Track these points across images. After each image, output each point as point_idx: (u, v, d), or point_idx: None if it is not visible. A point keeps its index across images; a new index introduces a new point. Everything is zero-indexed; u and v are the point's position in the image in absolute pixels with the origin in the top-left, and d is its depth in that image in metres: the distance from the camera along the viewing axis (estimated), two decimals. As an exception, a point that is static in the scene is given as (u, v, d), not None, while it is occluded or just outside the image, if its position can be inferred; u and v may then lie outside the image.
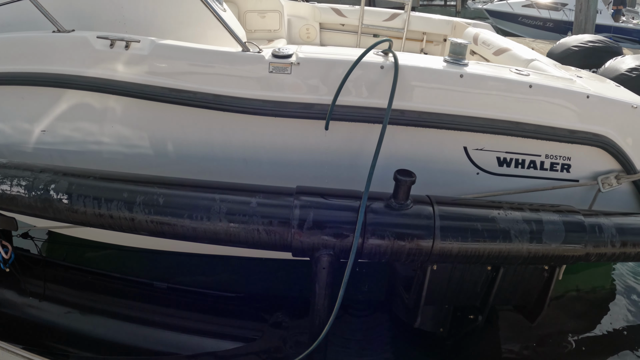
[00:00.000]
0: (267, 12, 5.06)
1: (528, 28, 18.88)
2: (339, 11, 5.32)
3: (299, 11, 5.45)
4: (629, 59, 3.96)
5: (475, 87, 2.81)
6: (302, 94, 2.74)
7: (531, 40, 14.77)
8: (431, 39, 5.33)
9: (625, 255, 2.89)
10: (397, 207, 2.37)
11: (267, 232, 2.32)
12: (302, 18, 5.38)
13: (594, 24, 13.20)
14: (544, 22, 18.72)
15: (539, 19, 18.77)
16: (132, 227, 2.38)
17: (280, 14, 5.09)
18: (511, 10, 19.09)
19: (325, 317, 2.51)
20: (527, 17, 18.83)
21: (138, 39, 2.74)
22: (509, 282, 2.76)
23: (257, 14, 5.01)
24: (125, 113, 2.87)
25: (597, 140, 3.09)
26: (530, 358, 3.18)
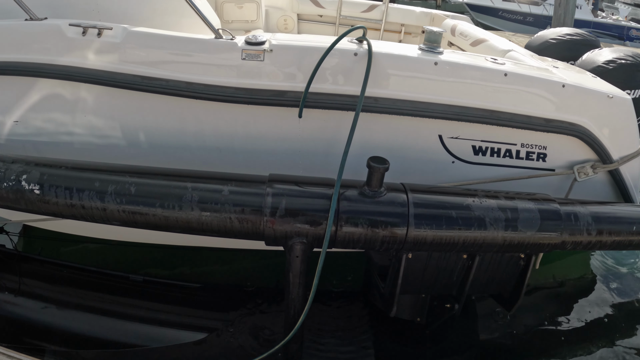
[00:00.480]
0: (245, 2, 5.01)
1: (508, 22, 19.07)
2: (317, 2, 5.28)
3: (276, 2, 5.40)
4: (606, 51, 3.98)
5: (450, 75, 2.80)
6: (275, 81, 2.71)
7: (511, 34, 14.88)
8: (409, 30, 5.32)
9: (602, 244, 2.90)
10: (370, 195, 2.34)
11: (240, 221, 2.29)
12: (279, 9, 5.34)
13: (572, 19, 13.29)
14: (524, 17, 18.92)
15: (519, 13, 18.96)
16: (104, 218, 2.34)
17: (258, 4, 5.04)
18: (491, 4, 19.27)
19: (300, 306, 2.49)
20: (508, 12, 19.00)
21: (110, 27, 2.69)
22: (485, 270, 2.76)
23: (234, 5, 4.96)
24: (98, 102, 2.81)
25: (573, 130, 3.10)
26: (507, 346, 3.20)
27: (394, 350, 3.04)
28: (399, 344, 3.08)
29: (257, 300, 3.26)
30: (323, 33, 5.39)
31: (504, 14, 19.07)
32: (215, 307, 3.20)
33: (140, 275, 3.37)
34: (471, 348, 3.16)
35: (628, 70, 3.78)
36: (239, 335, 2.95)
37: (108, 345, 2.87)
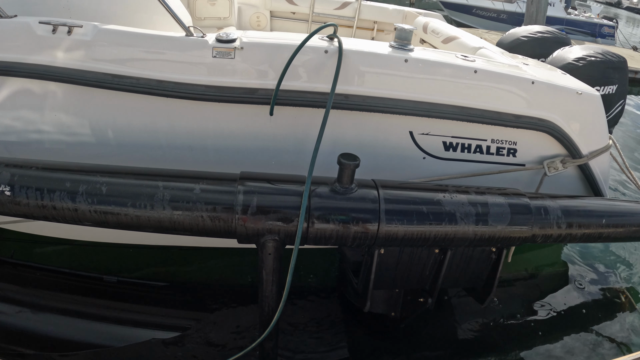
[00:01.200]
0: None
1: (482, 20, 19.25)
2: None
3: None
4: (576, 48, 4.05)
5: (420, 71, 2.83)
6: (246, 79, 2.70)
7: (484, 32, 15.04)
8: (382, 28, 5.37)
9: (572, 237, 2.96)
10: (341, 191, 2.35)
11: (211, 219, 2.28)
12: (252, 6, 5.32)
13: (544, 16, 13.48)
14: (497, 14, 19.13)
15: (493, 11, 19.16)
16: (76, 218, 2.31)
17: (230, 1, 5.01)
18: (465, 2, 19.40)
19: (274, 304, 2.48)
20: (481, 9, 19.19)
21: (81, 24, 2.66)
22: (457, 264, 2.79)
23: (206, 2, 4.93)
24: (68, 101, 2.78)
25: (542, 125, 3.15)
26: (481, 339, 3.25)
27: (369, 345, 3.06)
28: (374, 338, 3.11)
29: (233, 298, 3.25)
30: (296, 30, 5.41)
31: (478, 11, 19.25)
32: (190, 306, 3.19)
33: (114, 276, 3.33)
34: (446, 341, 3.20)
35: (598, 67, 3.86)
36: (215, 333, 2.94)
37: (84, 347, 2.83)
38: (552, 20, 18.36)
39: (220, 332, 2.96)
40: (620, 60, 3.99)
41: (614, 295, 3.86)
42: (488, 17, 19.25)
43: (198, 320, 3.04)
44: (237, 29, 5.08)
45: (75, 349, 2.81)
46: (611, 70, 3.91)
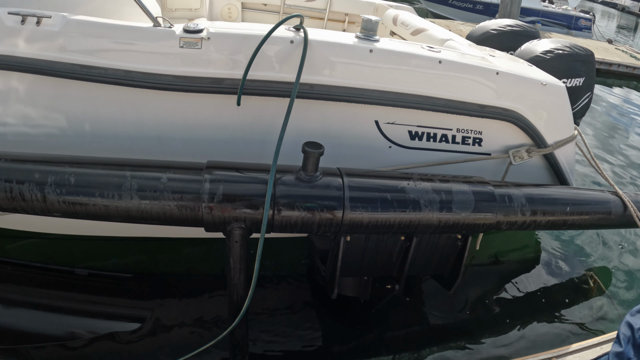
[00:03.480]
0: None
1: (458, 10, 19.43)
2: None
3: None
4: (544, 42, 4.18)
5: (385, 62, 2.91)
6: (213, 69, 2.75)
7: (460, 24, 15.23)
8: (353, 20, 5.45)
9: (536, 224, 3.09)
10: (306, 179, 2.43)
11: (179, 208, 2.33)
12: None
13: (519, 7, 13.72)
14: (473, 5, 19.34)
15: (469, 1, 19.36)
16: (45, 209, 2.35)
17: None
18: None
19: (243, 291, 2.55)
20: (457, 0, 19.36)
21: (50, 15, 2.68)
22: (424, 251, 2.89)
23: None
24: (36, 91, 2.80)
25: (507, 115, 3.26)
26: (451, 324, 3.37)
27: (340, 330, 3.15)
28: (344, 324, 3.20)
29: (203, 287, 3.31)
30: (267, 22, 5.41)
31: (454, 2, 19.42)
32: (159, 297, 3.23)
33: (85, 269, 3.36)
34: (416, 325, 3.30)
35: (565, 60, 3.99)
36: (186, 323, 3.00)
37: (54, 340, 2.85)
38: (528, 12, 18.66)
39: (191, 321, 3.02)
40: (588, 53, 4.13)
41: (582, 280, 4.02)
42: (464, 8, 19.43)
43: (168, 310, 3.10)
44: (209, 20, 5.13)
45: (45, 342, 2.83)
46: (578, 63, 4.05)
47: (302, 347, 2.97)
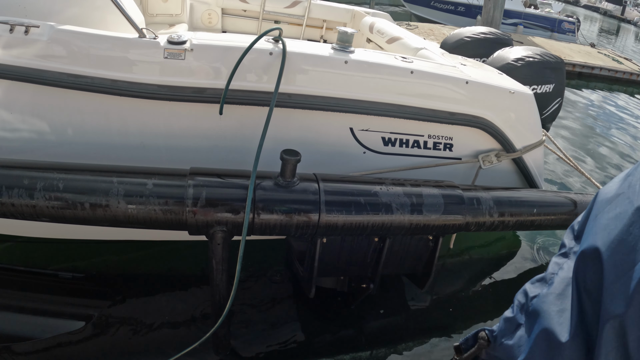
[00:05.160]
0: None
1: (440, 12, 19.71)
2: None
3: None
4: (516, 49, 4.43)
5: (360, 72, 3.12)
6: (196, 79, 2.91)
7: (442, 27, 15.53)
8: (331, 26, 5.64)
9: (504, 225, 3.32)
10: (284, 185, 2.62)
11: (164, 212, 2.49)
12: (204, 3, 5.50)
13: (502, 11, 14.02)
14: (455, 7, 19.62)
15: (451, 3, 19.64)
16: (34, 214, 2.45)
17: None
18: None
19: (225, 292, 2.72)
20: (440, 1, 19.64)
21: (38, 24, 2.79)
22: (397, 252, 3.11)
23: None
24: (23, 100, 2.91)
25: (476, 122, 3.49)
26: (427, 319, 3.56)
27: (320, 326, 3.30)
28: (324, 321, 3.35)
29: (184, 288, 3.45)
30: (247, 28, 5.64)
31: (436, 4, 19.69)
32: (142, 297, 3.34)
33: (70, 272, 3.47)
34: (393, 321, 3.47)
35: (535, 67, 4.24)
36: (168, 323, 3.12)
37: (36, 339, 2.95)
38: (511, 14, 19.04)
39: (173, 321, 3.14)
40: (558, 61, 4.39)
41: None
42: (446, 10, 19.72)
43: (150, 310, 3.21)
44: (189, 26, 5.27)
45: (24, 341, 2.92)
46: (548, 71, 4.31)
47: (283, 342, 3.11)
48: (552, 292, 1.04)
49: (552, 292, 1.04)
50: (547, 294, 1.06)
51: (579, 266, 0.97)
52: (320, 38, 5.70)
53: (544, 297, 1.06)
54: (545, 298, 1.04)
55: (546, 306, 1.02)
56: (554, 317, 0.97)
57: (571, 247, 1.12)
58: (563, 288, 1.02)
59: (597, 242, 0.92)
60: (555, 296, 1.02)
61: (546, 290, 1.07)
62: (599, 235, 0.93)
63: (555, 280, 1.07)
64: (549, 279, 1.11)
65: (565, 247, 1.06)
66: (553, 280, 1.08)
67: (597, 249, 0.92)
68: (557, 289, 1.03)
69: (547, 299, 1.04)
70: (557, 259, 1.13)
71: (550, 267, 1.13)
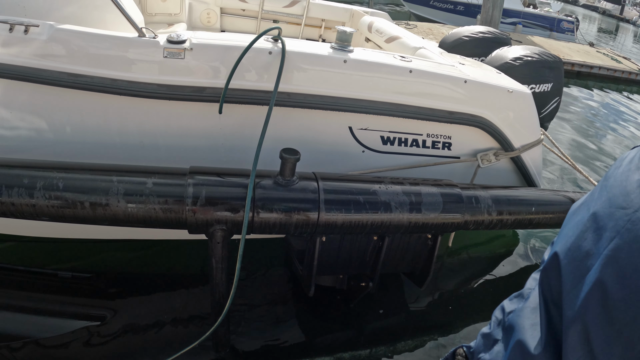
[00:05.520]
0: None
1: (440, 12, 19.74)
2: None
3: None
4: (515, 48, 4.46)
5: (359, 71, 3.14)
6: (196, 78, 2.92)
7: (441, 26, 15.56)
8: (330, 25, 5.67)
9: (503, 223, 3.34)
10: (283, 183, 2.64)
11: (164, 211, 2.50)
12: (203, 2, 5.52)
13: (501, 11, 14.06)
14: (454, 6, 19.66)
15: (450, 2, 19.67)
16: (34, 213, 2.46)
17: None
18: None
19: (224, 290, 2.73)
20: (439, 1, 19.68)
21: (37, 24, 2.79)
22: (395, 250, 3.13)
23: None
24: (22, 99, 2.92)
25: (475, 121, 3.52)
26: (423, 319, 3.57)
27: (319, 325, 3.32)
28: (323, 319, 3.37)
29: (184, 287, 3.47)
30: (246, 27, 5.66)
31: (436, 3, 19.72)
32: (141, 296, 3.36)
33: (69, 272, 3.48)
34: (392, 320, 3.48)
35: (533, 67, 4.28)
36: (169, 322, 3.14)
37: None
38: (510, 13, 19.07)
39: (172, 319, 3.16)
40: (556, 60, 4.42)
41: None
42: (445, 9, 19.76)
43: (149, 309, 3.23)
44: (188, 25, 5.29)
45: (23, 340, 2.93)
46: (546, 70, 4.34)
47: (282, 341, 3.13)
48: (528, 306, 1.04)
49: (527, 306, 1.05)
50: (522, 308, 1.06)
51: (543, 277, 0.98)
52: (319, 37, 5.72)
53: (519, 311, 1.06)
54: (521, 312, 1.05)
55: (521, 320, 1.03)
56: (528, 331, 0.98)
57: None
58: (537, 303, 1.03)
59: (557, 250, 0.94)
60: (530, 310, 1.03)
61: (522, 305, 1.07)
62: (559, 244, 0.94)
63: (531, 295, 1.07)
64: (526, 294, 1.11)
65: (544, 262, 1.08)
66: (529, 295, 1.08)
67: (557, 257, 0.93)
68: (532, 303, 1.04)
69: (522, 313, 1.04)
70: (535, 274, 1.14)
71: (528, 282, 1.14)
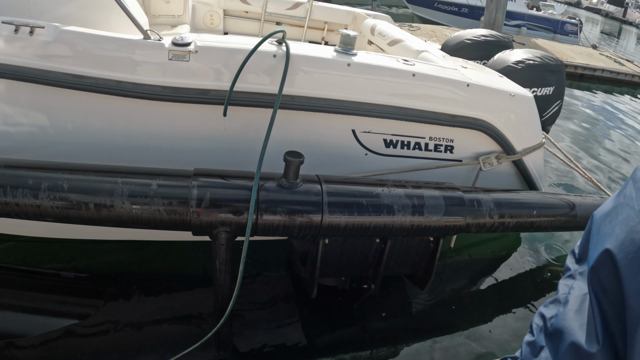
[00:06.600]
0: None
1: (444, 14, 19.82)
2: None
3: None
4: (517, 52, 4.49)
5: (362, 74, 3.18)
6: (200, 81, 2.95)
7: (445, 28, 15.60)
8: (332, 28, 5.70)
9: (504, 226, 3.37)
10: (287, 186, 2.68)
11: (168, 213, 2.53)
12: (206, 4, 5.56)
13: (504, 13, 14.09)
14: (458, 8, 19.72)
15: (454, 4, 19.74)
16: (38, 214, 2.49)
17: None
18: None
19: (227, 292, 2.78)
20: (443, 3, 19.75)
21: (43, 25, 2.82)
22: (397, 253, 3.16)
23: None
24: (28, 100, 2.95)
25: (477, 124, 3.55)
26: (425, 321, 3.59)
27: (322, 326, 3.34)
28: (326, 320, 3.39)
29: (187, 286, 3.51)
30: (249, 29, 5.70)
31: (439, 5, 19.79)
32: (143, 296, 3.37)
33: (72, 272, 3.50)
34: (394, 322, 3.50)
35: (535, 70, 4.31)
36: (171, 323, 3.17)
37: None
38: (513, 15, 19.12)
39: (174, 320, 3.19)
40: (558, 64, 4.45)
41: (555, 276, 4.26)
42: (449, 12, 19.83)
43: (151, 310, 3.25)
44: (191, 27, 5.33)
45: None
46: (548, 73, 4.37)
47: (284, 342, 3.15)
48: (570, 309, 1.06)
49: (570, 309, 1.06)
50: (565, 311, 1.07)
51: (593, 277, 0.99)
52: (322, 40, 5.76)
53: (562, 315, 1.07)
54: (565, 316, 1.06)
55: (568, 323, 1.04)
56: (578, 332, 1.00)
57: (576, 269, 1.15)
58: (579, 305, 1.03)
59: (607, 247, 0.95)
60: (574, 312, 1.04)
61: (563, 309, 1.08)
62: (607, 241, 0.95)
63: (569, 299, 1.08)
64: (563, 299, 1.12)
65: (570, 270, 1.10)
66: (567, 299, 1.09)
67: (609, 253, 0.94)
68: (574, 306, 1.05)
69: (566, 316, 1.05)
70: (564, 281, 1.16)
71: (561, 288, 1.16)
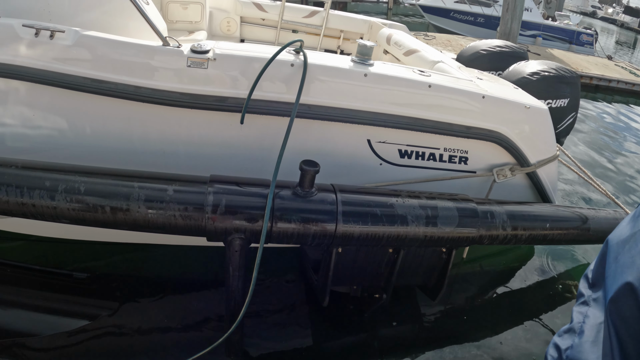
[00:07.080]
0: (190, 3, 5.26)
1: (460, 23, 19.82)
2: (260, 6, 5.61)
3: (221, 4, 5.69)
4: (532, 63, 4.49)
5: (378, 85, 3.20)
6: (218, 88, 2.99)
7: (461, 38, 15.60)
8: (348, 36, 5.74)
9: (517, 238, 3.37)
10: (302, 195, 2.70)
11: (183, 218, 2.56)
12: (223, 11, 5.62)
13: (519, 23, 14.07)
14: (475, 17, 19.70)
15: (470, 14, 19.73)
16: (54, 216, 2.53)
17: (203, 6, 5.30)
18: (443, 5, 19.94)
19: (240, 298, 2.79)
20: (459, 12, 19.76)
21: (63, 29, 2.86)
22: (410, 263, 3.17)
23: (179, 5, 5.20)
24: (47, 103, 2.99)
25: (491, 136, 3.56)
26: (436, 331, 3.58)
27: (333, 334, 3.36)
28: (337, 329, 3.40)
29: (199, 291, 3.53)
30: (265, 36, 5.76)
31: (455, 15, 19.80)
32: (155, 300, 3.41)
33: (84, 272, 3.53)
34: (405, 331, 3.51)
35: (550, 82, 4.30)
36: (182, 327, 3.20)
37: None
38: (529, 26, 19.07)
39: (185, 324, 3.22)
40: (573, 75, 4.45)
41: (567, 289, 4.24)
42: (465, 21, 19.84)
43: (162, 313, 3.27)
44: (208, 33, 5.39)
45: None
46: (563, 85, 4.36)
47: (295, 349, 3.17)
48: (586, 340, 1.05)
49: (585, 341, 1.05)
50: (580, 343, 1.06)
51: (613, 309, 0.98)
52: (338, 48, 5.79)
53: (578, 347, 1.06)
54: (580, 348, 1.05)
55: (584, 355, 1.03)
56: None
57: (590, 295, 1.14)
58: (595, 335, 1.02)
59: (628, 278, 0.95)
60: (590, 344, 1.03)
61: (578, 340, 1.07)
62: (628, 272, 0.95)
63: (584, 329, 1.07)
64: (578, 328, 1.11)
65: (583, 296, 1.09)
66: (582, 329, 1.08)
67: (631, 286, 0.94)
68: (589, 337, 1.04)
69: (582, 348, 1.04)
70: (578, 308, 1.15)
71: (575, 317, 1.15)
